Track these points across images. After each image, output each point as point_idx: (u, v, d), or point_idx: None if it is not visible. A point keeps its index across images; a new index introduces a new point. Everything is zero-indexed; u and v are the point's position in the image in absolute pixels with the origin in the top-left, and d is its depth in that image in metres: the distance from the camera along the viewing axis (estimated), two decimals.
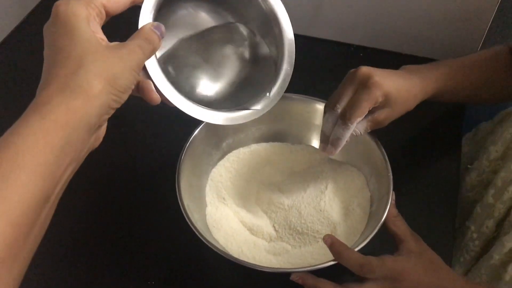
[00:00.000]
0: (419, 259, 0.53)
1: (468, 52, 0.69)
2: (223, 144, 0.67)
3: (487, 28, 0.77)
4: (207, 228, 0.60)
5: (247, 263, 0.53)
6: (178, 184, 0.57)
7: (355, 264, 0.51)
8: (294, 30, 0.56)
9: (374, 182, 0.62)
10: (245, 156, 0.68)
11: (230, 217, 0.62)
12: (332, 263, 0.52)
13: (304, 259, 0.58)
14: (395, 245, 0.55)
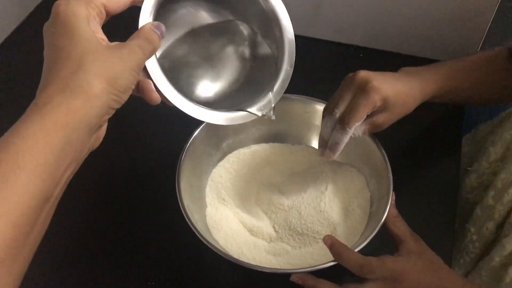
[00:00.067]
0: (419, 260, 0.53)
1: (468, 52, 0.70)
2: (223, 144, 0.67)
3: (487, 28, 0.77)
4: (207, 229, 0.60)
5: (247, 263, 0.53)
6: (178, 184, 0.57)
7: (355, 265, 0.51)
8: (294, 30, 0.56)
9: (374, 182, 0.62)
10: (245, 156, 0.68)
11: (230, 217, 0.62)
12: (332, 263, 0.52)
13: (304, 260, 0.58)
14: (395, 245, 0.55)
